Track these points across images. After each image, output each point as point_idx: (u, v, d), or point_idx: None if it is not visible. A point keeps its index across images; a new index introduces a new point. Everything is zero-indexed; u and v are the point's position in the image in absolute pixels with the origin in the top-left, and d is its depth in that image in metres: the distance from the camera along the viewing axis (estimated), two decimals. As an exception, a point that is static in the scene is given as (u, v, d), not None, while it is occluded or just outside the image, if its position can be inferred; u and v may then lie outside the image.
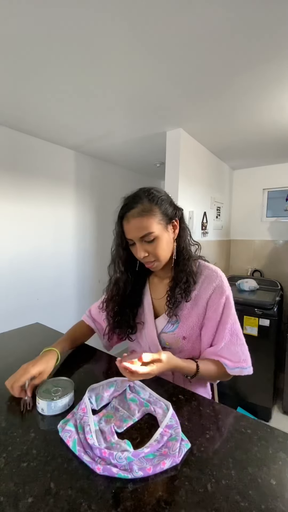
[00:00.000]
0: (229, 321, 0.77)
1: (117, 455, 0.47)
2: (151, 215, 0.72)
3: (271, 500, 0.42)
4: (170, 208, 0.77)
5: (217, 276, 0.80)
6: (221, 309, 0.77)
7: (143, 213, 0.72)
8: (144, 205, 0.72)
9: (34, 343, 1.01)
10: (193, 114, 1.61)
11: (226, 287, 0.79)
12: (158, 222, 0.73)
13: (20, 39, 1.00)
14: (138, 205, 0.73)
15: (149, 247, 0.74)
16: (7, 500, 0.41)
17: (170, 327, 0.81)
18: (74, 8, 0.86)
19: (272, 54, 1.06)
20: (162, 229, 0.74)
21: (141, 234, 0.72)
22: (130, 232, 0.74)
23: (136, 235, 0.73)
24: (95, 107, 1.52)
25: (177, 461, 0.48)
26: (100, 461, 0.47)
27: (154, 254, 0.75)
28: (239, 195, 2.91)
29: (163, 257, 0.77)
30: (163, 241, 0.75)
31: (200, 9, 0.86)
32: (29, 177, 2.00)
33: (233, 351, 0.76)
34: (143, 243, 0.74)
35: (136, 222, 0.72)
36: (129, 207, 0.74)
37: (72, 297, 2.43)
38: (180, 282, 0.78)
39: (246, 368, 0.76)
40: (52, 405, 0.60)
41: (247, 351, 0.78)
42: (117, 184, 2.80)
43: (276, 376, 1.93)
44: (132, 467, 0.46)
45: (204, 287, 0.79)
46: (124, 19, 0.90)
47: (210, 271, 0.81)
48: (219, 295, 0.78)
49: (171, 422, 0.57)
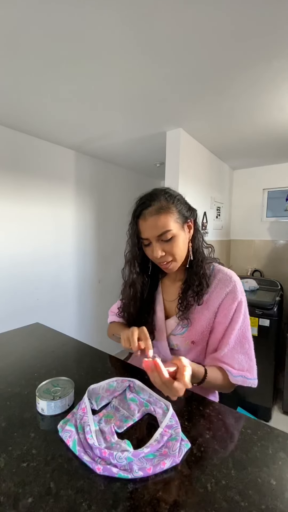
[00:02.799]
0: (237, 327, 0.74)
1: (117, 455, 0.47)
2: (168, 213, 0.71)
3: (271, 500, 0.42)
4: (185, 208, 0.76)
5: (231, 281, 0.77)
6: (232, 314, 0.75)
7: (160, 211, 0.71)
8: (162, 203, 0.71)
9: (34, 343, 1.01)
10: (193, 114, 1.61)
11: (239, 293, 0.76)
12: (175, 221, 0.72)
13: (20, 39, 1.00)
14: (156, 202, 0.71)
15: (166, 246, 0.72)
16: (7, 500, 0.41)
17: (180, 329, 0.79)
18: (74, 8, 0.86)
19: (272, 54, 1.06)
20: (179, 228, 0.73)
21: (159, 232, 0.71)
22: (147, 230, 0.72)
23: (154, 233, 0.71)
24: (95, 107, 1.52)
25: (177, 461, 0.48)
26: (100, 461, 0.47)
27: (171, 254, 0.73)
28: (239, 195, 2.91)
29: (180, 257, 0.75)
30: (180, 240, 0.73)
31: (199, 9, 0.86)
32: (29, 177, 2.00)
33: (237, 358, 0.73)
34: (160, 242, 0.72)
35: (154, 220, 0.71)
36: (146, 205, 0.73)
37: (72, 297, 2.43)
38: (193, 285, 0.76)
39: (250, 378, 0.71)
40: (52, 405, 0.60)
41: (253, 363, 0.74)
42: (117, 184, 2.80)
43: (276, 376, 1.93)
44: (132, 467, 0.46)
45: (217, 291, 0.77)
46: (124, 20, 0.90)
47: (224, 275, 0.79)
48: (231, 300, 0.75)
49: (171, 422, 0.57)
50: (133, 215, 0.76)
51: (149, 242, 0.74)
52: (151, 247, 0.74)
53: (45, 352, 0.90)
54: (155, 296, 0.87)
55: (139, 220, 0.74)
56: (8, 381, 0.73)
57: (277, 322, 1.90)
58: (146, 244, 0.75)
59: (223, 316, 0.76)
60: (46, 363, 0.83)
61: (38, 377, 0.74)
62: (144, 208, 0.73)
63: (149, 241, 0.73)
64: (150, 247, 0.74)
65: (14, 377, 0.75)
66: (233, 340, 0.74)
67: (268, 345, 1.86)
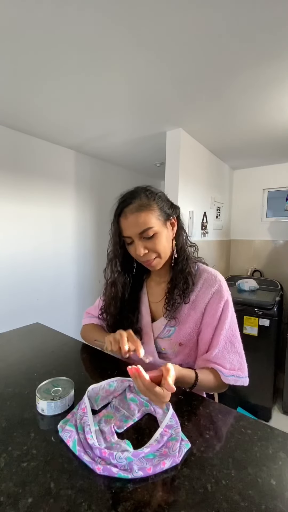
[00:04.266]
0: (226, 327, 0.74)
1: (117, 455, 0.47)
2: (149, 209, 0.71)
3: (271, 500, 0.42)
4: (167, 206, 0.76)
5: (216, 280, 0.77)
6: (219, 314, 0.75)
7: (141, 208, 0.70)
8: (142, 200, 0.71)
9: (34, 343, 1.01)
10: (193, 114, 1.61)
11: (225, 292, 0.77)
12: (156, 218, 0.72)
13: (21, 40, 1.00)
14: (136, 200, 0.71)
15: (149, 243, 0.72)
16: (7, 500, 0.41)
17: (167, 332, 0.79)
18: (74, 8, 0.86)
19: (272, 54, 1.06)
20: (161, 225, 0.73)
21: (140, 229, 0.70)
22: (129, 228, 0.72)
23: (135, 231, 0.71)
24: (95, 107, 1.52)
25: (177, 461, 0.48)
26: (100, 461, 0.47)
27: (154, 251, 0.73)
28: (239, 195, 2.91)
29: (164, 253, 0.75)
30: (162, 237, 0.73)
31: (199, 9, 0.86)
32: (29, 177, 2.00)
33: (228, 358, 0.72)
34: (142, 240, 0.72)
35: (135, 217, 0.70)
36: (127, 202, 0.73)
37: (72, 297, 2.43)
38: (179, 283, 0.76)
39: (241, 377, 0.72)
40: (52, 405, 0.60)
41: (243, 361, 0.74)
42: (117, 184, 2.80)
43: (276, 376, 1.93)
44: (132, 467, 0.46)
45: (203, 291, 0.77)
46: (124, 20, 0.90)
47: (209, 275, 0.79)
48: (218, 300, 0.75)
49: (171, 422, 0.57)
50: (115, 214, 0.76)
51: (131, 240, 0.73)
52: (133, 246, 0.73)
53: (45, 352, 0.90)
54: (140, 298, 0.86)
55: (120, 218, 0.74)
56: (8, 381, 0.73)
57: (277, 322, 1.90)
58: (129, 243, 0.75)
59: (210, 317, 0.75)
60: (46, 363, 0.83)
61: (38, 377, 0.74)
62: (125, 206, 0.73)
63: (132, 240, 0.73)
64: (133, 246, 0.74)
65: (14, 377, 0.75)
66: (223, 340, 0.73)
67: (268, 345, 1.86)
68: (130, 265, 0.82)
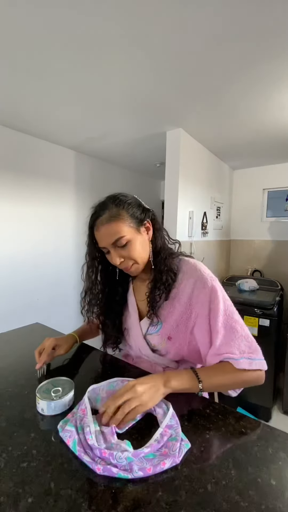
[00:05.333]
0: (220, 313, 0.70)
1: (117, 455, 0.47)
2: (119, 219, 0.72)
3: (271, 500, 0.42)
4: (139, 211, 0.77)
5: (195, 269, 0.76)
6: (207, 302, 0.72)
7: (111, 219, 0.72)
8: (111, 211, 0.73)
9: (34, 343, 1.01)
10: (193, 114, 1.61)
11: (208, 278, 0.74)
12: (128, 225, 0.73)
13: (20, 40, 1.00)
14: (106, 211, 0.73)
15: (123, 251, 0.73)
16: (7, 500, 0.41)
17: (153, 328, 0.80)
18: (74, 8, 0.86)
19: (272, 54, 1.06)
20: (133, 232, 0.74)
21: (113, 239, 0.72)
22: (102, 239, 0.74)
23: (108, 241, 0.73)
24: (95, 107, 1.52)
25: (177, 461, 0.48)
26: (100, 461, 0.47)
27: (130, 258, 0.74)
28: (239, 195, 2.91)
29: (140, 259, 0.76)
30: (136, 244, 0.74)
31: (200, 9, 0.86)
32: (29, 177, 2.00)
33: (234, 345, 0.68)
34: (116, 249, 0.74)
35: (106, 228, 0.72)
36: (97, 215, 0.75)
37: (72, 297, 2.43)
38: (159, 282, 0.77)
39: (256, 359, 0.66)
40: (52, 405, 0.60)
41: (251, 343, 0.69)
42: (117, 184, 2.80)
43: (276, 376, 1.93)
44: (132, 467, 0.46)
45: (184, 282, 0.76)
46: (124, 20, 0.90)
47: (188, 266, 0.78)
48: (202, 287, 0.73)
49: (171, 422, 0.57)
50: (88, 226, 0.79)
51: (107, 250, 0.75)
52: (110, 255, 0.75)
53: (45, 352, 0.90)
54: (127, 298, 0.89)
55: (93, 231, 0.77)
56: (8, 381, 0.73)
57: (277, 322, 1.90)
58: (106, 252, 0.77)
59: (200, 307, 0.73)
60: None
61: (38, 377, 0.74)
62: (95, 218, 0.75)
63: (108, 249, 0.75)
64: (109, 255, 0.76)
65: (14, 377, 0.75)
66: (222, 326, 0.70)
67: (268, 345, 1.86)
68: (113, 272, 0.85)
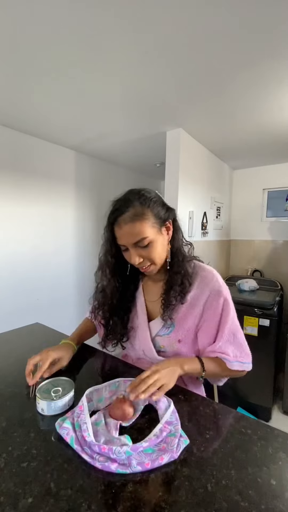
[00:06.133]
0: (229, 321, 0.76)
1: (116, 450, 0.47)
2: (144, 219, 0.69)
3: (271, 500, 0.42)
4: (163, 210, 0.74)
5: (213, 277, 0.78)
6: (220, 310, 0.77)
7: (135, 218, 0.68)
8: (136, 209, 0.69)
9: (34, 343, 1.01)
10: (193, 114, 1.61)
11: (223, 288, 0.78)
12: (151, 226, 0.70)
13: (20, 40, 0.99)
14: (130, 209, 0.69)
15: (143, 252, 0.71)
16: (7, 500, 0.41)
17: (165, 330, 0.79)
18: (73, 8, 0.86)
19: (272, 53, 1.06)
20: (156, 233, 0.71)
21: (135, 239, 0.69)
22: (123, 238, 0.71)
23: (130, 241, 0.70)
24: (95, 107, 1.52)
25: (175, 456, 0.49)
26: (99, 458, 0.48)
27: (149, 259, 0.73)
28: (239, 195, 2.91)
29: (159, 260, 0.75)
30: (157, 245, 0.72)
31: (199, 9, 0.86)
32: (29, 177, 2.00)
33: (231, 348, 0.76)
34: (136, 248, 0.71)
35: (129, 227, 0.69)
36: (120, 211, 0.70)
37: (72, 297, 2.43)
38: (175, 284, 0.76)
39: (245, 362, 0.76)
40: (52, 405, 0.60)
41: (245, 349, 0.78)
42: (117, 184, 2.80)
43: (276, 376, 1.93)
44: (131, 461, 0.46)
45: (201, 289, 0.77)
46: (124, 19, 0.90)
47: (206, 273, 0.79)
48: (217, 296, 0.76)
49: (171, 418, 0.57)
50: (108, 221, 0.74)
51: (126, 247, 0.73)
52: (128, 253, 0.73)
53: (45, 352, 0.90)
54: (136, 298, 0.86)
55: (114, 227, 0.72)
56: (8, 381, 0.73)
57: (277, 322, 1.90)
58: (123, 249, 0.74)
59: (211, 314, 0.77)
60: (46, 363, 0.83)
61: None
62: (118, 215, 0.70)
63: (126, 247, 0.72)
64: (128, 253, 0.73)
65: (14, 377, 0.75)
66: (227, 333, 0.76)
67: (268, 345, 1.86)
68: (124, 267, 0.81)
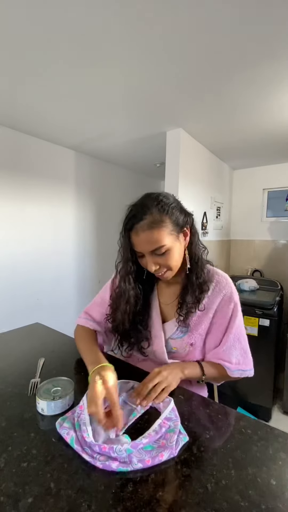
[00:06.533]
0: (235, 327, 0.77)
1: (117, 448, 0.48)
2: (161, 226, 0.66)
3: (271, 500, 0.42)
4: (181, 216, 0.72)
5: (227, 283, 0.79)
6: (229, 316, 0.78)
7: (153, 225, 0.66)
8: (154, 216, 0.66)
9: (34, 343, 1.01)
10: (193, 114, 1.61)
11: (234, 293, 0.79)
12: (169, 233, 0.68)
13: (20, 39, 1.00)
14: (147, 216, 0.66)
15: (160, 259, 0.70)
16: (7, 500, 0.41)
17: (179, 333, 0.79)
18: (73, 7, 0.86)
19: (272, 54, 1.06)
20: (173, 240, 0.69)
21: (152, 247, 0.67)
22: (140, 245, 0.69)
23: (147, 248, 0.68)
24: (95, 107, 1.52)
25: (174, 453, 0.49)
26: (99, 457, 0.48)
27: (165, 266, 0.71)
28: (239, 195, 2.91)
29: (175, 267, 0.73)
30: (175, 252, 0.70)
31: (199, 9, 0.86)
32: (29, 177, 2.00)
33: (234, 354, 0.77)
34: (153, 256, 0.69)
35: (146, 235, 0.66)
36: (137, 218, 0.67)
37: (72, 297, 2.43)
38: (194, 291, 0.75)
39: (246, 370, 0.77)
40: (52, 405, 0.60)
41: (247, 356, 0.79)
42: (117, 184, 2.80)
43: (276, 376, 1.93)
44: (132, 459, 0.47)
45: (215, 294, 0.78)
46: (124, 19, 0.90)
47: (220, 278, 0.79)
48: (228, 302, 0.78)
49: (171, 415, 0.58)
50: (125, 227, 0.71)
51: (142, 254, 0.71)
52: (145, 259, 0.71)
53: (45, 352, 0.90)
54: (150, 300, 0.84)
55: (131, 233, 0.70)
56: (8, 381, 0.73)
57: (277, 322, 1.90)
58: (139, 256, 0.73)
59: (221, 318, 0.78)
60: (46, 363, 0.83)
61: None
62: (135, 222, 0.68)
63: (142, 253, 0.71)
64: (144, 259, 0.72)
65: (14, 377, 0.75)
66: (232, 338, 0.77)
67: (268, 345, 1.86)
68: (141, 272, 0.79)
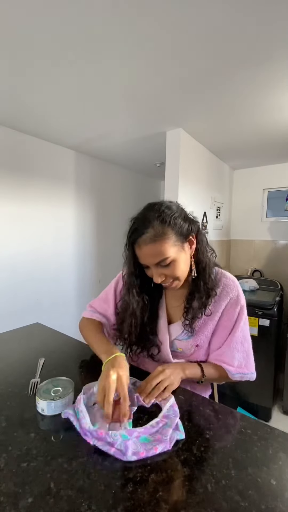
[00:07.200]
0: (239, 330, 0.77)
1: (112, 433, 0.50)
2: (164, 239, 0.66)
3: (271, 500, 0.42)
4: (186, 225, 0.70)
5: (234, 286, 0.79)
6: (236, 317, 0.78)
7: (156, 239, 0.66)
8: (156, 229, 0.66)
9: (34, 343, 1.01)
10: (193, 114, 1.61)
11: (241, 296, 0.79)
12: (173, 245, 0.67)
13: (20, 39, 1.00)
14: (149, 230, 0.66)
15: (166, 271, 0.69)
16: (7, 500, 0.41)
17: (185, 335, 0.80)
18: (73, 7, 0.86)
19: (272, 54, 1.06)
20: (178, 251, 0.68)
21: (156, 260, 0.67)
22: (144, 258, 0.69)
23: (151, 261, 0.68)
24: (95, 107, 1.52)
25: (168, 447, 0.50)
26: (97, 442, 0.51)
27: (172, 277, 0.71)
28: (239, 195, 2.91)
29: (182, 277, 0.72)
30: (180, 263, 0.69)
31: (200, 9, 0.86)
32: (29, 177, 2.00)
33: (236, 357, 0.76)
34: (158, 268, 0.69)
35: (149, 248, 0.66)
36: (139, 232, 0.67)
37: (72, 297, 2.43)
38: (201, 297, 0.75)
39: (246, 374, 0.77)
40: (52, 405, 0.60)
41: (249, 359, 0.78)
42: (117, 184, 2.80)
43: (276, 376, 1.93)
44: (127, 449, 0.48)
45: (222, 297, 0.77)
46: (124, 19, 0.90)
47: (227, 281, 0.79)
48: (235, 305, 0.78)
49: (169, 412, 0.59)
50: (128, 241, 0.71)
51: (148, 266, 0.71)
52: (150, 271, 0.71)
53: (45, 352, 0.90)
54: (158, 304, 0.84)
55: (134, 247, 0.70)
56: (8, 381, 0.73)
57: (277, 322, 1.90)
58: (145, 267, 0.72)
59: (226, 320, 0.78)
60: (46, 363, 0.83)
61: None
62: (138, 236, 0.68)
63: (148, 265, 0.71)
64: (149, 270, 0.72)
65: (14, 377, 0.75)
66: (235, 341, 0.77)
67: (268, 345, 1.86)
68: (149, 281, 0.77)
